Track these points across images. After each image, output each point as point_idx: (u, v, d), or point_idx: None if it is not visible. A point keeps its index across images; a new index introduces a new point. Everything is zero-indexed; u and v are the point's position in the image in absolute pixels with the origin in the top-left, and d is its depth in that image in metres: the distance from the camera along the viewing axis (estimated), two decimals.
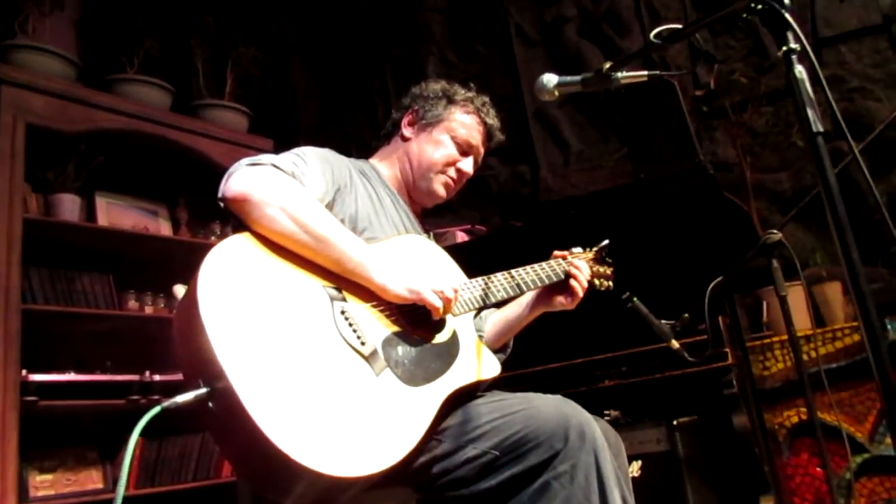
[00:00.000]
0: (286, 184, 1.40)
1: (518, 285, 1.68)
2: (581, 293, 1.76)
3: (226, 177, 1.40)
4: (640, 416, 2.45)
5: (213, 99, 3.61)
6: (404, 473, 1.30)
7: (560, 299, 1.77)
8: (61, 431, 2.90)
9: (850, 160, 1.97)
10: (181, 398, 1.19)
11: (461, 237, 3.31)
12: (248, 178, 1.37)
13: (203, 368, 1.17)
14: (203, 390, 1.18)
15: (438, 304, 1.43)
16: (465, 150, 1.82)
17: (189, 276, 1.24)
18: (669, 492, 2.29)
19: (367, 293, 1.43)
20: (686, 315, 1.89)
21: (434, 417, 1.34)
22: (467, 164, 1.83)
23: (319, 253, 1.38)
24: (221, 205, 1.40)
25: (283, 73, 4.58)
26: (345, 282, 1.41)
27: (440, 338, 1.49)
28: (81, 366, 2.91)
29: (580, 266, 1.78)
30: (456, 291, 1.49)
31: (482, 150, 1.88)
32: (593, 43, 3.82)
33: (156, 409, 1.20)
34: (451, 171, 1.81)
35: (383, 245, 1.56)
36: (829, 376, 2.47)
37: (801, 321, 2.41)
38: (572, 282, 1.76)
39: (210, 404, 1.18)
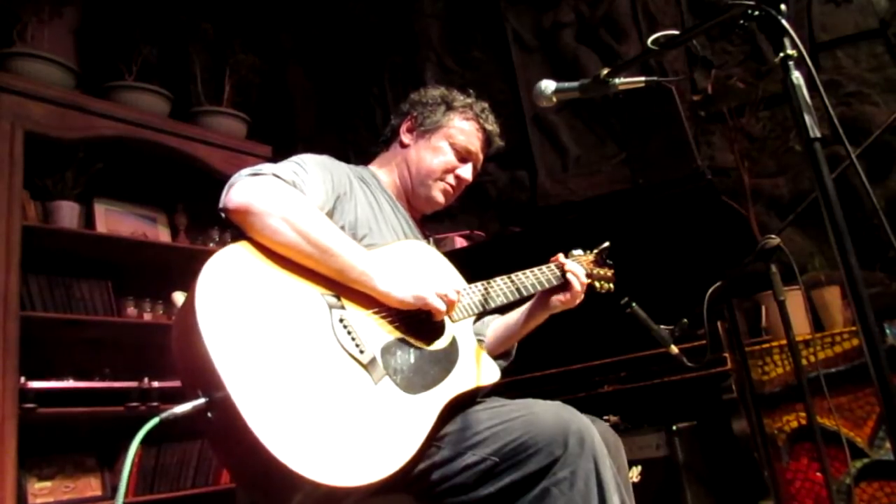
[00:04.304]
0: (288, 194, 1.39)
1: (518, 289, 1.69)
2: (580, 288, 1.76)
3: (227, 187, 1.40)
4: (639, 422, 2.44)
5: (211, 105, 3.61)
6: (404, 481, 1.29)
7: (560, 297, 1.76)
8: (60, 439, 2.89)
9: (848, 165, 1.97)
10: (179, 409, 1.19)
11: (460, 243, 3.31)
12: (249, 189, 1.37)
13: (201, 378, 1.17)
14: (201, 400, 1.18)
15: (443, 307, 1.44)
16: (463, 156, 1.81)
17: (188, 283, 1.24)
18: (669, 497, 2.28)
19: (366, 300, 1.43)
20: (685, 320, 1.88)
21: (433, 425, 1.34)
22: (466, 171, 1.82)
23: (322, 263, 1.38)
24: (223, 215, 1.39)
25: (282, 80, 4.58)
26: (344, 289, 1.41)
27: (439, 344, 1.49)
28: (80, 373, 2.90)
29: (576, 264, 1.79)
30: (459, 293, 1.49)
31: (481, 157, 1.87)
32: (591, 48, 3.83)
33: (154, 421, 1.20)
34: (450, 178, 1.80)
35: (384, 251, 1.56)
36: (829, 381, 2.47)
37: (800, 326, 2.40)
38: (569, 276, 1.75)
39: (209, 414, 1.18)
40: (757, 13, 1.11)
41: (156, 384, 2.96)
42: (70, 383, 2.77)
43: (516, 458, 1.31)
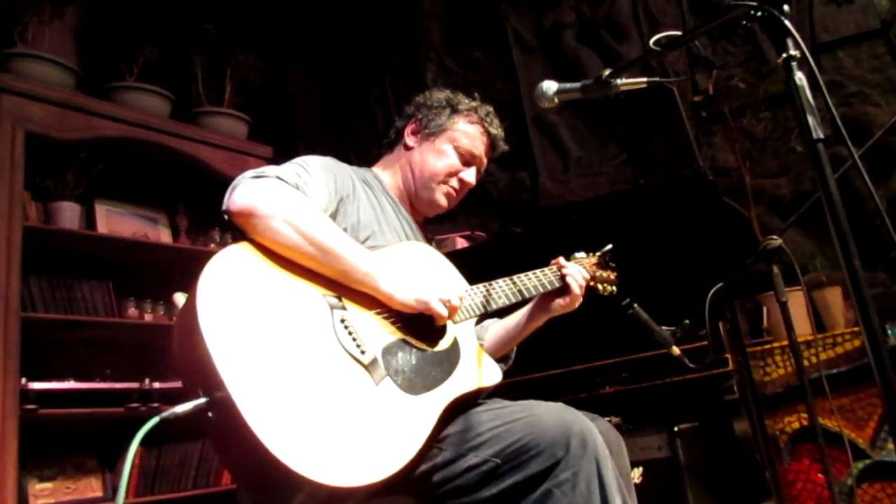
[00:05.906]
0: (291, 196, 1.39)
1: (520, 291, 1.68)
2: (579, 291, 1.75)
3: (230, 190, 1.40)
4: (641, 423, 2.44)
5: (212, 106, 3.61)
6: (405, 482, 1.29)
7: (559, 301, 1.76)
8: (61, 440, 2.90)
9: (850, 165, 1.97)
10: (180, 409, 1.19)
11: (461, 243, 3.31)
12: (252, 192, 1.37)
13: (202, 378, 1.17)
14: (202, 400, 1.18)
15: (445, 312, 1.44)
16: (467, 160, 1.81)
17: (189, 284, 1.24)
18: (671, 498, 2.28)
19: (367, 301, 1.43)
20: (686, 321, 1.88)
21: (434, 426, 1.33)
22: (469, 175, 1.82)
23: (325, 265, 1.38)
24: (226, 217, 1.39)
25: (282, 81, 4.58)
26: (345, 290, 1.41)
27: (441, 345, 1.49)
28: (81, 374, 2.90)
29: (575, 268, 1.78)
30: (461, 299, 1.49)
31: (485, 161, 1.87)
32: (592, 49, 3.83)
33: (154, 420, 1.20)
34: (453, 182, 1.80)
35: (386, 252, 1.56)
36: (830, 382, 2.47)
37: (802, 326, 2.40)
38: (569, 280, 1.75)
39: (209, 414, 1.18)
40: (759, 14, 1.11)
41: (157, 385, 2.96)
42: (71, 384, 2.77)
43: (518, 459, 1.31)
